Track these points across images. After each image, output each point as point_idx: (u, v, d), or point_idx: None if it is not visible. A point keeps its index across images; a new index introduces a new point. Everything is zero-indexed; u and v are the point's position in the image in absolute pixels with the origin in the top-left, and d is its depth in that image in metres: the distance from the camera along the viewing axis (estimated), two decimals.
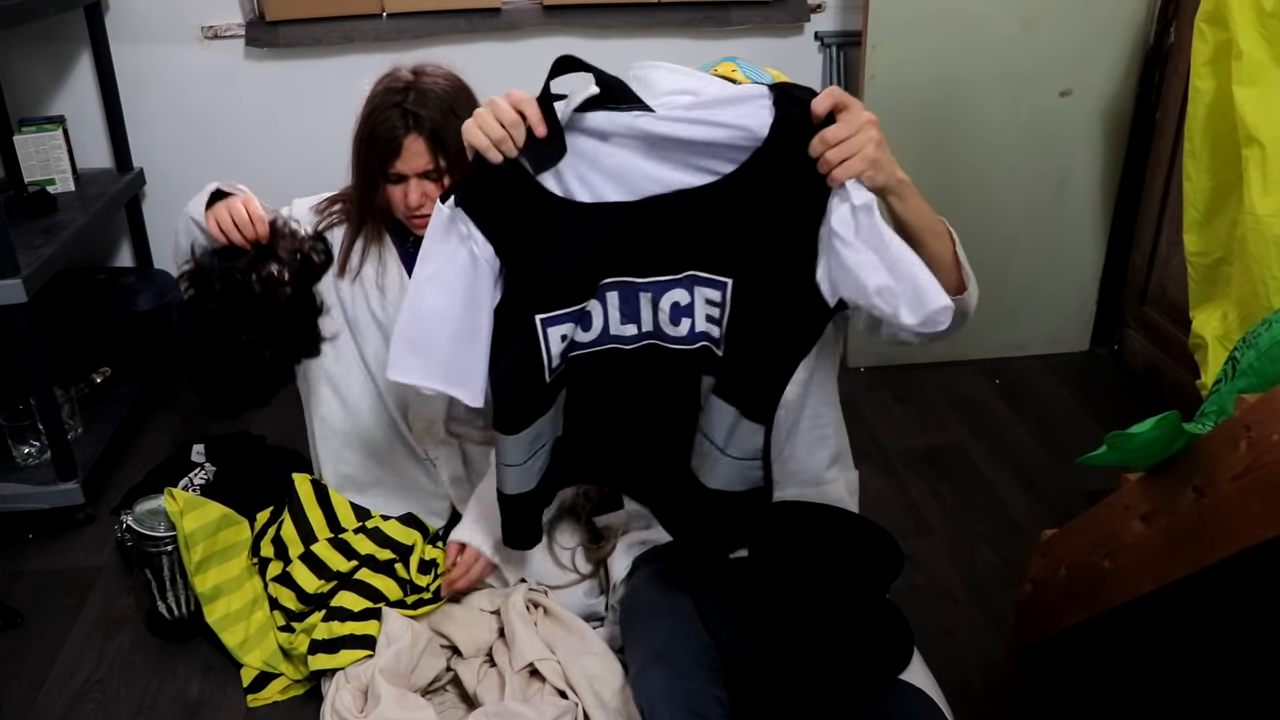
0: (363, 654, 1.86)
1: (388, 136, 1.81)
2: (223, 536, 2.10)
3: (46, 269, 2.43)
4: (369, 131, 1.84)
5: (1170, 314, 2.93)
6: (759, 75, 1.59)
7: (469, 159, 1.43)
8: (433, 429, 2.09)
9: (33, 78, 3.10)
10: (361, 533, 2.04)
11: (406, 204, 1.87)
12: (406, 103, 1.81)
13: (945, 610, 2.23)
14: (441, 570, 1.99)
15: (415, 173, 1.84)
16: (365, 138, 1.85)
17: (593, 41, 3.22)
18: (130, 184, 3.12)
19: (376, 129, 1.82)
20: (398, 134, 1.80)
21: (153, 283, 3.19)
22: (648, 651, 1.63)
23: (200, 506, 2.08)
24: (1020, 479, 2.69)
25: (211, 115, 3.19)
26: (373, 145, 1.84)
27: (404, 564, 2.03)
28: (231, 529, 2.13)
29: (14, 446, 2.56)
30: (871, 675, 1.58)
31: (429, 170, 1.84)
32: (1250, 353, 1.59)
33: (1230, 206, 2.19)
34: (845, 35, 3.27)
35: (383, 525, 2.06)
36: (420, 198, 1.85)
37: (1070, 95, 2.99)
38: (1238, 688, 2.01)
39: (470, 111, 1.72)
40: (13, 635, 2.20)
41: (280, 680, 2.00)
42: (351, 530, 2.05)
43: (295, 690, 2.00)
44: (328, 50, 3.12)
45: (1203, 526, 1.53)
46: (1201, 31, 2.16)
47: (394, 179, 1.86)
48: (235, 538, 2.13)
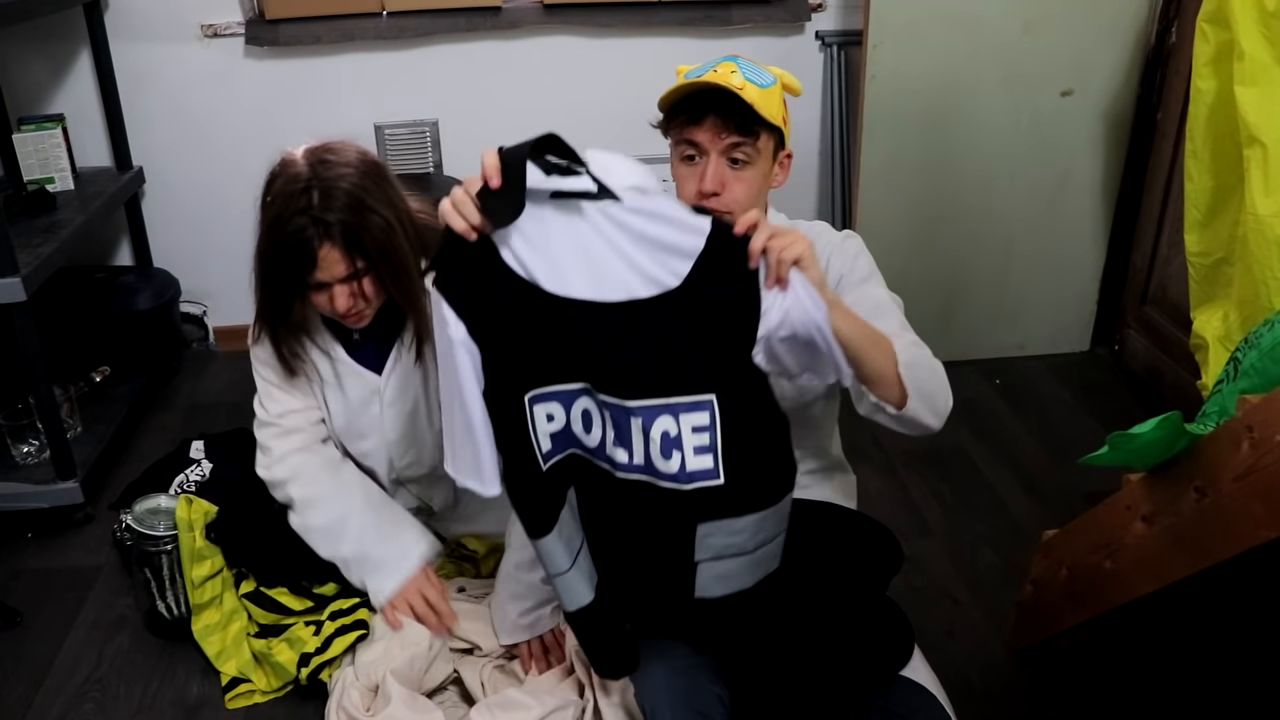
0: (355, 635, 1.86)
1: (298, 248, 1.67)
2: None
3: (46, 268, 2.43)
4: (277, 242, 1.69)
5: (1171, 314, 2.93)
6: (759, 74, 1.58)
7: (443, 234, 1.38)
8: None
9: (32, 76, 3.10)
10: None
11: (333, 309, 1.76)
12: (312, 209, 1.66)
13: (946, 611, 2.23)
14: None
15: (336, 279, 1.72)
16: (273, 248, 1.71)
17: (593, 40, 3.22)
18: (129, 182, 3.12)
19: (287, 240, 1.67)
20: (311, 245, 1.67)
21: (152, 281, 3.19)
22: (648, 650, 1.63)
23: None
24: (1021, 479, 2.69)
25: (211, 114, 3.19)
26: (284, 256, 1.70)
27: None
28: None
29: (13, 445, 2.55)
30: (872, 672, 1.58)
31: (349, 274, 1.72)
32: (1252, 353, 1.59)
33: (1232, 207, 2.19)
34: (846, 35, 3.27)
35: None
36: (349, 300, 1.75)
37: (1071, 95, 2.99)
38: (1238, 688, 2.01)
39: (384, 197, 1.70)
40: (12, 634, 2.19)
41: (249, 685, 2.00)
42: None
43: (260, 698, 2.00)
44: (328, 49, 3.12)
45: (1204, 527, 1.52)
46: (1203, 31, 2.16)
47: (316, 286, 1.74)
48: None
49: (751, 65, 1.60)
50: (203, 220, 3.31)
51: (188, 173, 3.26)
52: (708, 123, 1.57)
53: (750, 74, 1.58)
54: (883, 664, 1.59)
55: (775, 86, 1.60)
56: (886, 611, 1.68)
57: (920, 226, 3.09)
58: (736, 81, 1.55)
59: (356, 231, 1.68)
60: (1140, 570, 1.69)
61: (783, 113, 1.62)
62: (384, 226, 1.71)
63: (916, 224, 3.09)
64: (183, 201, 3.30)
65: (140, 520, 2.10)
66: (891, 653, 1.61)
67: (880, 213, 3.04)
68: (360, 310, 1.78)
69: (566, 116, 3.27)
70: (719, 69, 1.58)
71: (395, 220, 1.73)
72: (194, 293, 3.38)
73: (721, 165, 1.60)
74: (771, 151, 1.62)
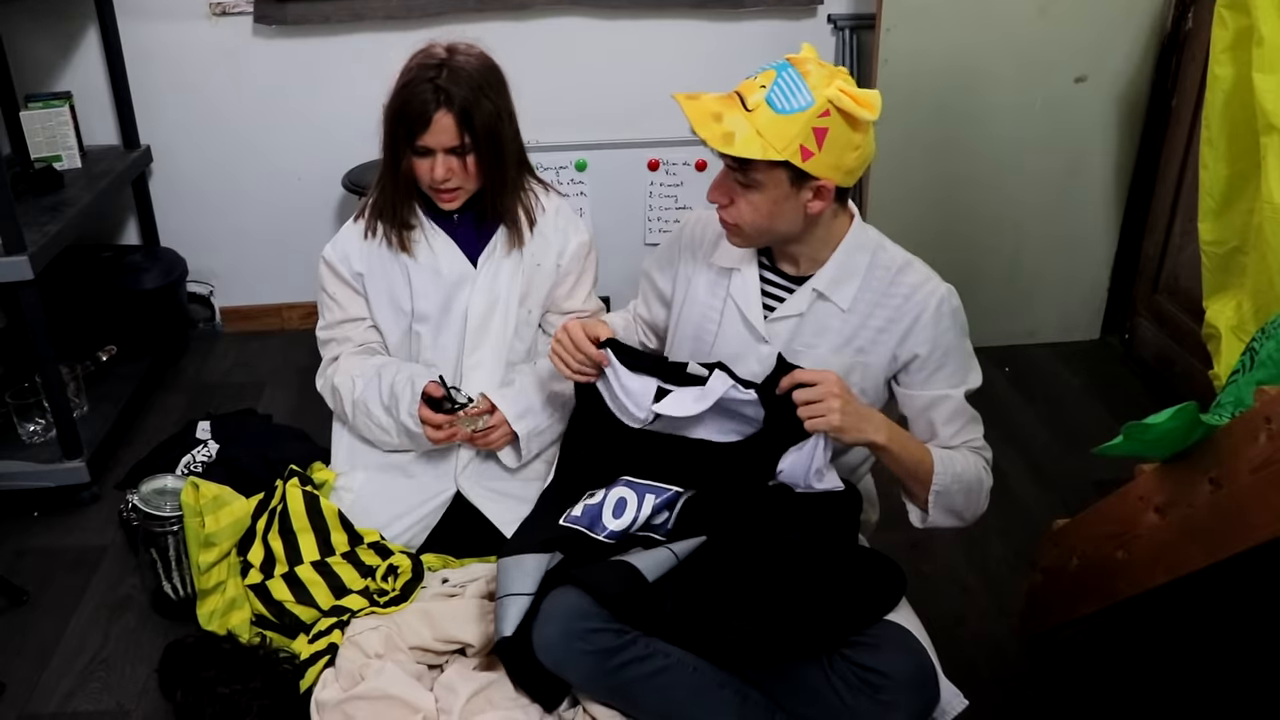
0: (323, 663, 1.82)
1: (419, 110, 1.85)
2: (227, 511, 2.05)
3: (52, 246, 2.42)
4: (401, 103, 1.88)
5: (1183, 303, 2.91)
6: (792, 95, 1.48)
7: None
8: None
9: (40, 53, 3.08)
10: (349, 559, 1.98)
11: (432, 176, 1.91)
12: (439, 79, 1.85)
13: (955, 599, 2.23)
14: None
15: (442, 148, 1.88)
16: (396, 109, 1.89)
17: (604, 22, 3.20)
18: (137, 161, 3.11)
19: (408, 101, 1.86)
20: (429, 108, 1.85)
21: (159, 261, 3.18)
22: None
23: (223, 507, 2.00)
24: (1030, 468, 2.68)
25: (219, 92, 3.17)
26: (403, 116, 1.87)
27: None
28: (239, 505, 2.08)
29: (20, 424, 2.55)
30: (851, 617, 1.59)
31: (455, 146, 1.88)
32: (1270, 343, 1.58)
33: (1247, 195, 2.16)
34: (859, 19, 3.24)
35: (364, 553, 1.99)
36: (445, 172, 1.90)
37: (1085, 81, 2.96)
38: (1246, 680, 2.00)
39: (500, 93, 1.88)
40: (18, 613, 2.20)
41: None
42: (340, 554, 1.97)
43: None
44: (336, 28, 3.10)
45: (1219, 519, 1.51)
46: (1222, 17, 2.13)
47: (420, 152, 1.90)
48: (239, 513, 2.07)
49: (794, 81, 1.50)
50: (210, 200, 3.30)
51: (195, 151, 3.25)
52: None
53: (779, 91, 1.50)
54: (862, 610, 1.60)
55: (806, 111, 1.48)
56: (875, 562, 1.70)
57: (931, 212, 3.07)
58: (752, 100, 1.51)
59: (470, 109, 1.86)
60: (1153, 561, 1.69)
61: (806, 140, 1.50)
62: (494, 114, 1.90)
63: (927, 209, 3.07)
64: (190, 180, 3.28)
65: (146, 500, 2.10)
66: (873, 600, 1.63)
67: (891, 197, 3.02)
68: (455, 188, 1.95)
69: (577, 98, 3.26)
70: (759, 76, 1.53)
71: (505, 114, 1.94)
72: (201, 272, 3.38)
73: (728, 180, 1.59)
74: (787, 181, 1.54)
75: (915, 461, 1.63)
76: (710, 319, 1.78)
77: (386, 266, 2.06)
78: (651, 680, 1.57)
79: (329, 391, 2.13)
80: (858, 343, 1.69)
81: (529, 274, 2.09)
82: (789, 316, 1.71)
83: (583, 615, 1.56)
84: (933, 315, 1.66)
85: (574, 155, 3.26)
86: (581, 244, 2.13)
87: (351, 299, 2.11)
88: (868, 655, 1.55)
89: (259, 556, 1.99)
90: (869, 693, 1.53)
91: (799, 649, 1.59)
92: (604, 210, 3.30)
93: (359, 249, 2.07)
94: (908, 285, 1.68)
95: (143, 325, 3.07)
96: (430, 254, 2.05)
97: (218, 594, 1.99)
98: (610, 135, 3.28)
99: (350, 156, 3.08)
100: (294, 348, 3.30)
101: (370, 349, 2.13)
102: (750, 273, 1.74)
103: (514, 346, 2.12)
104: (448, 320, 2.08)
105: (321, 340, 2.17)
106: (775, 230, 1.62)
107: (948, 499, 1.66)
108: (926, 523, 1.70)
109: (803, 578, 1.60)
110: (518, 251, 2.07)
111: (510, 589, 1.68)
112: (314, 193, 3.29)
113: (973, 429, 1.73)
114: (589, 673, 1.58)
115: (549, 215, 2.10)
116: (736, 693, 1.60)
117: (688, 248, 1.84)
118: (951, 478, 1.65)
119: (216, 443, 2.54)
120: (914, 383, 1.71)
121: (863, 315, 1.69)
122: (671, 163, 3.29)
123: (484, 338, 2.09)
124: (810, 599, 1.58)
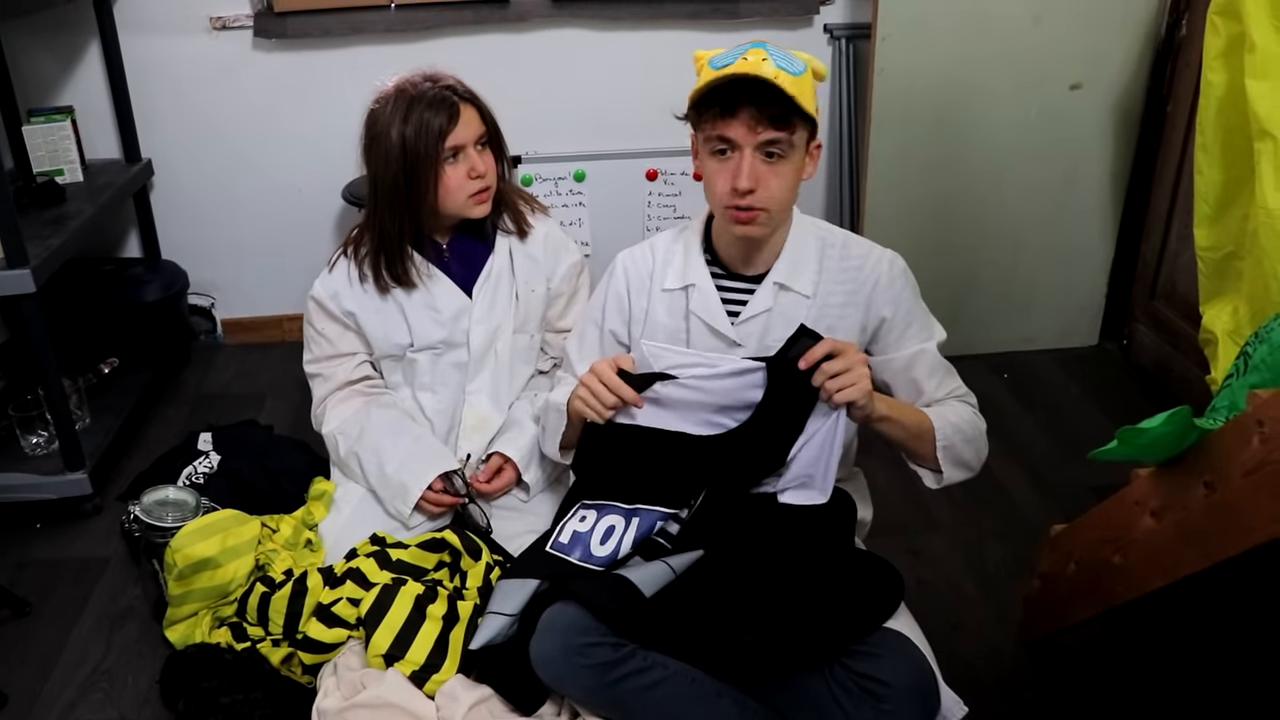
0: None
1: (443, 109, 1.88)
2: (233, 533, 2.01)
3: (55, 259, 2.43)
4: (417, 121, 1.87)
5: (1180, 309, 2.92)
6: (790, 62, 1.52)
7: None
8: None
9: (42, 68, 3.10)
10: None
11: (471, 173, 1.93)
12: (439, 86, 1.91)
13: (953, 604, 2.23)
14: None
15: (473, 140, 1.92)
16: (411, 134, 1.87)
17: (601, 34, 3.21)
18: (138, 174, 3.13)
19: (425, 110, 1.88)
20: (453, 102, 1.89)
21: (160, 273, 3.20)
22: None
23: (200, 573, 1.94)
24: (1028, 474, 2.68)
25: (220, 106, 3.19)
26: (422, 132, 1.88)
27: None
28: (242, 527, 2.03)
29: (22, 436, 2.56)
30: (851, 625, 1.59)
31: (481, 136, 1.94)
32: (1263, 348, 1.59)
33: (1242, 201, 2.17)
34: (855, 28, 3.25)
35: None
36: (483, 164, 1.94)
37: (1081, 89, 2.98)
38: (1244, 685, 2.00)
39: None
40: (21, 624, 2.20)
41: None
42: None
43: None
44: (336, 42, 3.12)
45: (1214, 522, 1.52)
46: (1214, 24, 2.14)
47: (450, 156, 1.91)
48: (244, 535, 2.03)
49: (781, 52, 1.55)
50: (211, 213, 3.32)
51: (196, 165, 3.26)
52: (742, 115, 1.53)
53: (781, 61, 1.52)
54: (863, 618, 1.60)
55: (806, 74, 1.56)
56: (874, 568, 1.70)
57: (928, 220, 3.09)
58: (769, 70, 1.50)
59: (475, 98, 1.95)
60: (1149, 565, 1.69)
61: (815, 100, 1.57)
62: (490, 111, 1.98)
63: (925, 218, 3.08)
64: (191, 194, 3.30)
65: (148, 511, 2.10)
66: (874, 607, 1.62)
67: (888, 206, 3.03)
68: (488, 185, 1.97)
69: (576, 109, 3.28)
70: (749, 56, 1.52)
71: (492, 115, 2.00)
72: (202, 285, 3.39)
73: (756, 161, 1.56)
74: (805, 143, 1.59)
75: (915, 424, 1.67)
76: (678, 340, 1.77)
77: (379, 306, 2.06)
78: (650, 692, 1.56)
79: (321, 431, 2.16)
80: (826, 323, 1.70)
81: (524, 299, 2.09)
82: (756, 315, 1.72)
83: (581, 630, 1.55)
84: (888, 277, 1.72)
85: (573, 166, 3.27)
86: (572, 265, 2.14)
87: (341, 335, 2.12)
88: (868, 664, 1.54)
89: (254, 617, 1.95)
90: (870, 701, 1.52)
91: (801, 659, 1.58)
92: (603, 220, 3.31)
93: (349, 291, 2.07)
94: (857, 256, 1.73)
95: (144, 337, 3.08)
96: (426, 293, 2.05)
97: (186, 624, 2.00)
98: (609, 146, 3.29)
99: (350, 169, 3.08)
100: (295, 359, 3.24)
101: (357, 391, 2.14)
102: (705, 284, 1.75)
103: (517, 371, 2.13)
104: (448, 350, 2.08)
105: (309, 374, 2.19)
106: (789, 205, 1.66)
107: (954, 452, 1.70)
108: (941, 482, 1.73)
109: (801, 587, 1.60)
110: (510, 276, 2.08)
111: (493, 607, 1.69)
112: (314, 205, 3.31)
113: (952, 379, 1.78)
114: (588, 686, 1.57)
115: (537, 238, 2.11)
116: (735, 702, 1.59)
117: (632, 287, 1.84)
118: (952, 429, 1.69)
119: (218, 454, 2.54)
120: (889, 345, 1.75)
121: (825, 296, 1.72)
122: (670, 173, 3.30)
123: (484, 364, 2.10)
124: (810, 608, 1.58)
